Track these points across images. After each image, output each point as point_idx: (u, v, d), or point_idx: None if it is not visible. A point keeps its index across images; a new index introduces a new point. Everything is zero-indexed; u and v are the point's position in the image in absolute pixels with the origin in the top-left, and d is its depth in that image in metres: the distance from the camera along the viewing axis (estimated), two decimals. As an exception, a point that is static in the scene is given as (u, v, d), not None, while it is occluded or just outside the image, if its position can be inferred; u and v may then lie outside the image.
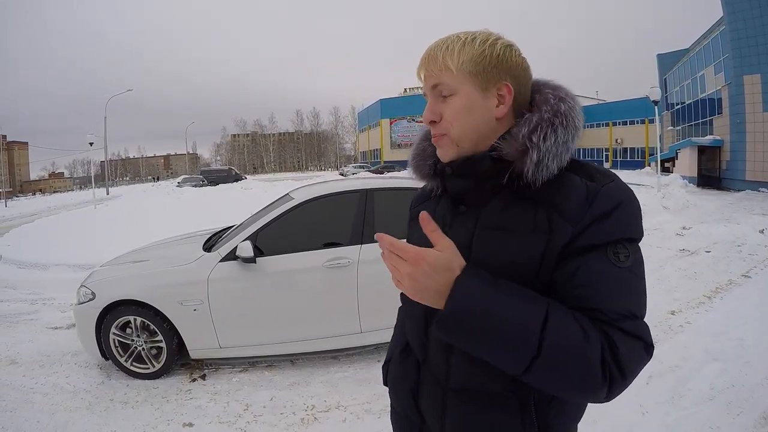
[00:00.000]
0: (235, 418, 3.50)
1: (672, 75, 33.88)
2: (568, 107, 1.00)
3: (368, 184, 4.46)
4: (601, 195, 0.93)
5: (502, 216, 1.00)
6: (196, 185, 36.40)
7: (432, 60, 1.02)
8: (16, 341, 5.11)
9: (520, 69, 1.02)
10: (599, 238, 0.92)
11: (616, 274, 0.91)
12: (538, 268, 0.95)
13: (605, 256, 0.91)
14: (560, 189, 0.96)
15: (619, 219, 0.93)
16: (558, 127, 0.98)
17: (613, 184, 0.95)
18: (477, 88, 1.00)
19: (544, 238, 0.94)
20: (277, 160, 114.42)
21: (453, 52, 1.00)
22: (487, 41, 1.00)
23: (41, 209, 27.89)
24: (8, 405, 3.74)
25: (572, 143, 0.99)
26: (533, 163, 0.96)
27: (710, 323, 4.66)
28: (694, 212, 13.29)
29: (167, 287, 4.02)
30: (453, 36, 1.03)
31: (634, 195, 0.98)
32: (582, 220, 0.92)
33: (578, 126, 1.00)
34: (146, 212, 14.81)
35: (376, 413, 3.48)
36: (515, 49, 1.03)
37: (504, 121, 1.02)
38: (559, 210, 0.94)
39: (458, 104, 1.01)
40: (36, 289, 7.46)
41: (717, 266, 7.09)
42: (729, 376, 3.58)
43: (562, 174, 0.98)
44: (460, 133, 1.02)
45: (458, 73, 1.00)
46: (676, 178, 21.28)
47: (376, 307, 4.13)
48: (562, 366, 0.86)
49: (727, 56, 24.17)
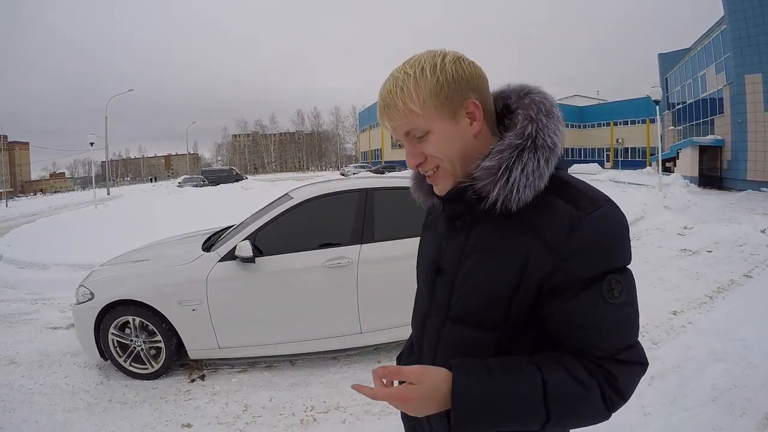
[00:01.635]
0: (234, 419, 3.48)
1: (673, 74, 33.85)
2: (536, 128, 0.97)
3: (368, 184, 4.44)
4: (585, 225, 0.90)
5: (489, 237, 1.01)
6: (197, 185, 36.47)
7: (392, 108, 0.99)
8: (15, 341, 5.10)
9: (476, 78, 1.00)
10: (586, 271, 0.91)
11: (612, 313, 0.92)
12: (514, 291, 0.96)
13: (599, 294, 0.91)
14: (541, 214, 0.95)
15: (606, 251, 0.91)
16: (525, 152, 0.95)
17: (598, 212, 0.92)
18: (446, 119, 0.98)
19: (523, 260, 0.94)
20: (278, 160, 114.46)
21: (410, 93, 0.97)
22: (436, 66, 0.97)
23: (42, 209, 27.92)
24: (7, 405, 3.73)
25: (547, 166, 0.96)
26: (503, 195, 0.95)
27: (712, 323, 4.63)
28: (695, 212, 13.26)
29: (166, 287, 4.01)
30: (400, 73, 0.99)
31: (623, 221, 0.95)
32: (564, 251, 0.91)
33: (552, 145, 0.97)
34: (147, 212, 14.85)
35: (375, 414, 3.46)
36: (463, 59, 1.00)
37: (482, 135, 1.01)
38: (539, 236, 0.93)
39: (436, 140, 1.00)
40: (36, 289, 7.45)
41: (719, 266, 7.07)
42: (731, 377, 3.56)
43: (543, 197, 0.96)
44: (450, 163, 1.02)
45: (424, 113, 0.97)
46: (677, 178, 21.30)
47: (376, 307, 4.13)
48: (570, 417, 0.94)
49: (728, 56, 24.13)
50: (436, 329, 1.10)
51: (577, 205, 0.93)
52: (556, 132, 0.98)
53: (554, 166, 0.97)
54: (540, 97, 1.02)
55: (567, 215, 0.92)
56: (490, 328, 1.00)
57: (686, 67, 30.95)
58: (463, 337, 1.04)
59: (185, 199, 19.82)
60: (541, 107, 0.99)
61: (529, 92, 1.04)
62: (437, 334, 1.10)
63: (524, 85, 1.06)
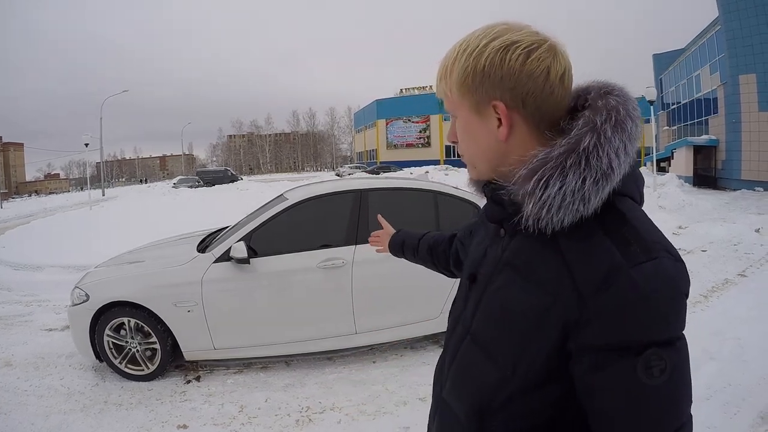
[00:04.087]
0: (230, 419, 3.48)
1: (668, 75, 33.94)
2: (593, 142, 0.77)
3: (362, 185, 4.45)
4: (626, 279, 0.70)
5: (523, 255, 0.85)
6: (192, 186, 36.38)
7: (436, 82, 0.92)
8: (10, 343, 5.09)
9: (518, 76, 0.80)
10: (617, 339, 0.71)
11: (648, 397, 0.71)
12: (534, 329, 0.79)
13: (632, 371, 0.70)
14: (580, 247, 0.76)
15: (647, 316, 0.71)
16: (570, 169, 0.76)
17: (647, 265, 0.71)
18: (471, 111, 0.86)
19: (552, 295, 0.77)
20: (274, 160, 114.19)
21: (447, 73, 0.87)
22: (476, 49, 0.82)
23: (37, 210, 27.77)
24: (2, 407, 3.73)
25: (595, 188, 0.75)
26: (531, 213, 0.78)
27: (707, 322, 4.66)
28: (690, 212, 13.30)
29: (161, 288, 4.00)
30: (456, 44, 0.87)
31: (679, 280, 0.74)
32: (593, 304, 0.72)
33: (606, 167, 0.76)
34: (142, 213, 14.78)
35: (371, 414, 3.47)
36: (515, 50, 0.80)
37: (516, 142, 0.84)
38: (571, 274, 0.75)
39: (460, 127, 0.91)
40: (31, 291, 7.43)
41: (713, 265, 7.11)
42: (726, 376, 3.58)
43: (590, 226, 0.77)
44: (470, 156, 0.92)
45: (453, 96, 0.88)
46: (672, 178, 21.30)
47: (371, 307, 4.14)
48: None
49: (722, 56, 24.17)
50: (459, 339, 0.97)
51: (624, 251, 0.73)
52: (619, 151, 0.77)
53: (609, 192, 0.77)
54: (617, 101, 0.81)
55: (607, 261, 0.73)
56: (502, 365, 0.84)
57: (681, 68, 31.03)
58: (475, 360, 0.90)
59: (180, 200, 19.77)
60: (611, 115, 0.79)
61: (610, 92, 0.83)
62: (458, 345, 0.96)
63: (607, 83, 0.85)
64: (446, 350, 1.03)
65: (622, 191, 0.80)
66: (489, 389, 0.86)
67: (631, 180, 0.82)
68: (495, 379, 0.84)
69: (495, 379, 0.84)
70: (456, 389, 0.95)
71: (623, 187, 0.80)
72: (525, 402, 0.82)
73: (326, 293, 4.14)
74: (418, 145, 65.20)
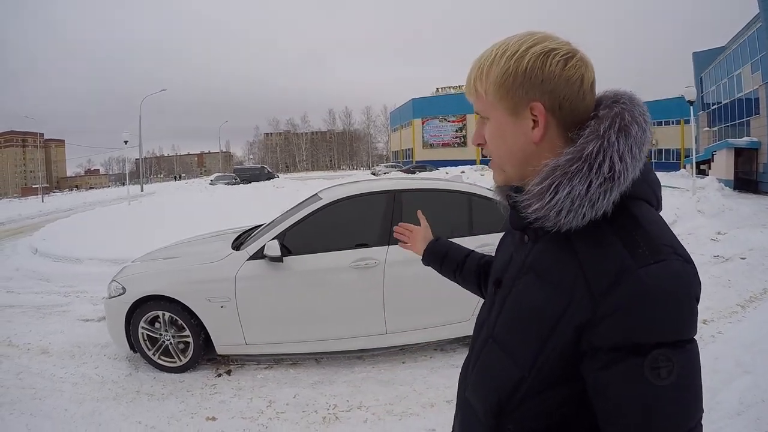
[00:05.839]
0: (258, 414, 3.54)
1: (708, 74, 32.95)
2: (597, 147, 0.80)
3: (396, 185, 4.46)
4: (634, 280, 0.73)
5: (540, 258, 0.88)
6: (229, 183, 36.93)
7: (468, 84, 0.94)
8: (48, 332, 5.28)
9: (557, 80, 0.84)
10: (623, 338, 0.74)
11: (655, 397, 0.73)
12: (551, 330, 0.82)
13: (641, 372, 0.72)
14: (594, 250, 0.79)
15: (654, 317, 0.73)
16: (576, 174, 0.80)
17: (656, 266, 0.74)
18: (506, 113, 0.88)
19: (568, 295, 0.80)
20: (310, 158, 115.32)
21: (482, 74, 0.89)
22: (517, 53, 0.85)
23: (77, 205, 28.58)
24: (38, 393, 3.87)
25: (601, 191, 0.79)
26: (543, 217, 0.83)
27: (743, 334, 4.51)
28: (729, 217, 12.88)
29: (195, 284, 4.09)
30: (491, 48, 0.90)
31: (688, 282, 0.77)
32: (603, 303, 0.75)
33: (608, 170, 0.79)
34: (178, 209, 15.05)
35: (397, 415, 3.47)
36: (554, 56, 0.84)
37: (547, 145, 0.87)
38: (585, 273, 0.78)
39: (491, 130, 0.92)
40: (69, 282, 7.67)
41: (752, 274, 6.84)
42: (760, 391, 3.43)
43: (602, 228, 0.80)
44: (499, 158, 0.94)
45: (487, 98, 0.90)
46: (711, 181, 20.70)
47: (402, 308, 4.14)
48: None
49: (763, 54, 23.37)
50: (483, 341, 1.01)
51: (633, 252, 0.75)
52: (624, 155, 0.80)
53: (618, 195, 0.80)
54: (623, 108, 0.85)
55: (618, 262, 0.75)
56: (520, 364, 0.87)
57: (721, 66, 30.08)
58: (495, 360, 0.94)
59: (216, 197, 20.10)
60: (615, 121, 0.82)
61: (617, 101, 0.86)
62: (482, 347, 1.00)
63: (617, 92, 0.89)
64: (471, 352, 1.07)
65: (637, 195, 0.84)
66: (507, 388, 0.89)
67: (645, 183, 0.86)
68: (513, 378, 0.88)
69: (513, 379, 0.88)
70: (477, 389, 1.00)
71: (637, 190, 0.83)
72: (539, 401, 0.86)
73: (358, 293, 4.15)
74: (454, 145, 64.98)
